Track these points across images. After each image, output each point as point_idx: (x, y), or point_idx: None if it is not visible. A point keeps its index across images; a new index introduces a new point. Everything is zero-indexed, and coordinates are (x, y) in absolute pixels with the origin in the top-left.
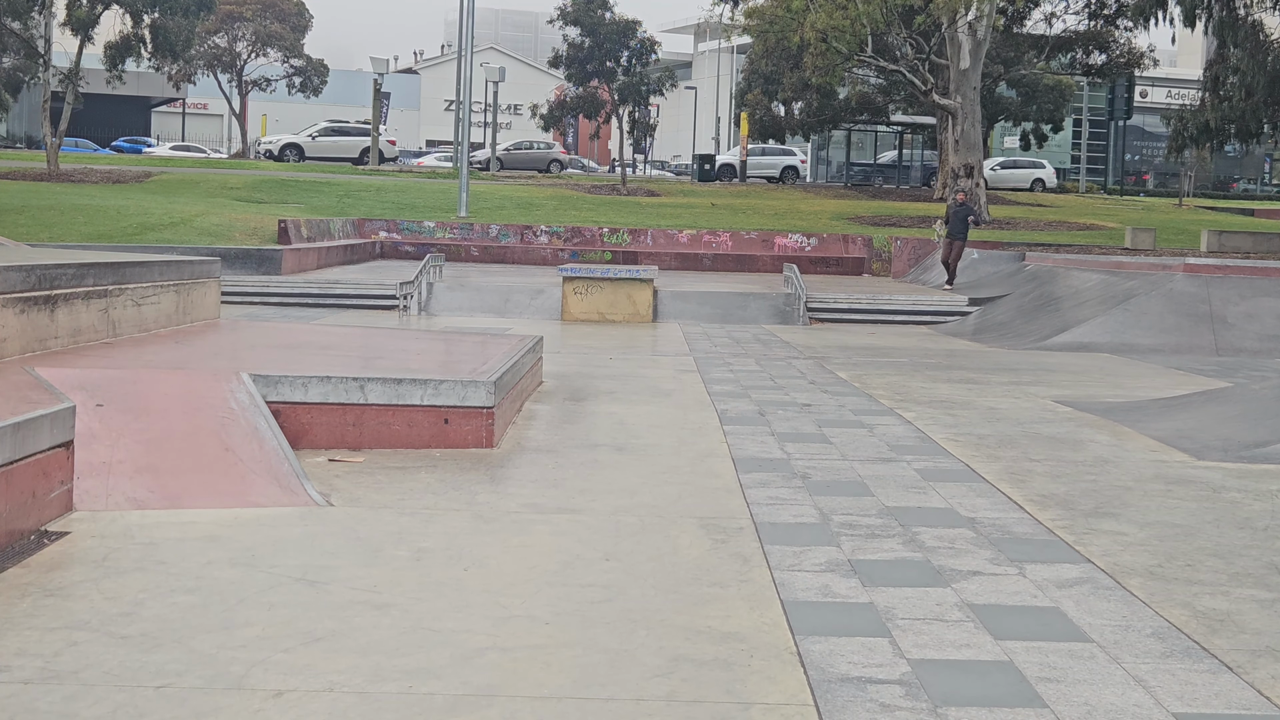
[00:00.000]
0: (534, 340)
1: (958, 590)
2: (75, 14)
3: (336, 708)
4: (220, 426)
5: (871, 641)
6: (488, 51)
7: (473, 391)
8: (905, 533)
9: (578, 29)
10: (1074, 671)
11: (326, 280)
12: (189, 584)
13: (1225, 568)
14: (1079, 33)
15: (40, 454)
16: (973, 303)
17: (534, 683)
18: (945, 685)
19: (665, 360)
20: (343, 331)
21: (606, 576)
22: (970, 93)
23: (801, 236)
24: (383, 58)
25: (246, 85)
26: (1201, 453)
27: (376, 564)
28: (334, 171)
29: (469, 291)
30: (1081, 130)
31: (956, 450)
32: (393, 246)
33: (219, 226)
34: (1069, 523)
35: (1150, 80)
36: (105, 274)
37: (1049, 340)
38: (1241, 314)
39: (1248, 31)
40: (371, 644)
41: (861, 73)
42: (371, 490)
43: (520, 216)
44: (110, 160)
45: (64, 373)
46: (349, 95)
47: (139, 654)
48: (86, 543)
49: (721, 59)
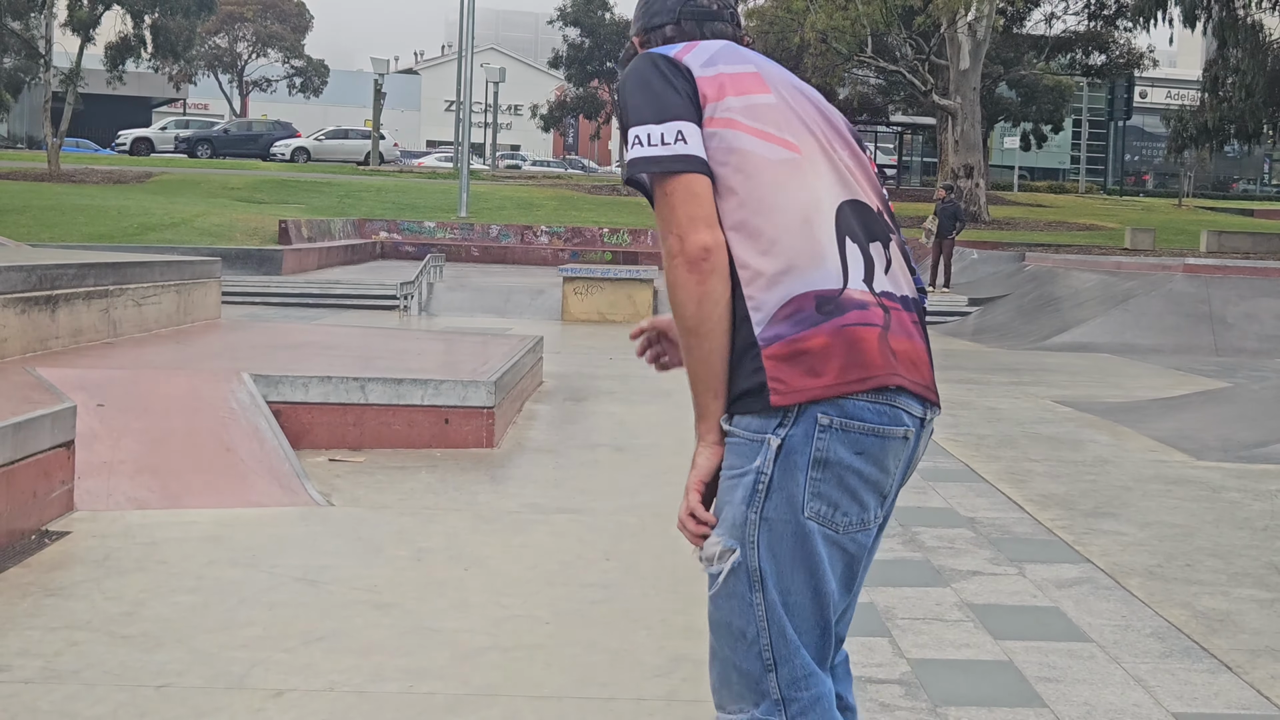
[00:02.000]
0: (534, 340)
1: (957, 590)
2: (76, 14)
3: (337, 707)
4: (221, 426)
5: (871, 641)
6: (488, 52)
7: (473, 391)
8: (905, 532)
9: (578, 29)
10: (1073, 671)
11: (327, 280)
12: (190, 584)
13: (1225, 568)
14: (1079, 33)
15: (41, 454)
16: (972, 303)
17: (534, 682)
18: (945, 685)
19: None
20: (343, 331)
21: (607, 576)
22: (970, 93)
23: None
24: (383, 58)
25: (247, 86)
26: (1201, 453)
27: (377, 564)
28: (335, 172)
29: (469, 291)
30: (1081, 131)
31: (956, 450)
32: (393, 247)
33: (219, 227)
34: (1069, 523)
35: (1150, 81)
36: (106, 274)
37: (1049, 340)
38: (1241, 314)
39: (1247, 32)
40: (372, 643)
41: (861, 73)
42: (372, 490)
43: (520, 217)
44: (111, 161)
45: (65, 373)
46: (349, 96)
47: (140, 654)
48: (87, 542)
49: None
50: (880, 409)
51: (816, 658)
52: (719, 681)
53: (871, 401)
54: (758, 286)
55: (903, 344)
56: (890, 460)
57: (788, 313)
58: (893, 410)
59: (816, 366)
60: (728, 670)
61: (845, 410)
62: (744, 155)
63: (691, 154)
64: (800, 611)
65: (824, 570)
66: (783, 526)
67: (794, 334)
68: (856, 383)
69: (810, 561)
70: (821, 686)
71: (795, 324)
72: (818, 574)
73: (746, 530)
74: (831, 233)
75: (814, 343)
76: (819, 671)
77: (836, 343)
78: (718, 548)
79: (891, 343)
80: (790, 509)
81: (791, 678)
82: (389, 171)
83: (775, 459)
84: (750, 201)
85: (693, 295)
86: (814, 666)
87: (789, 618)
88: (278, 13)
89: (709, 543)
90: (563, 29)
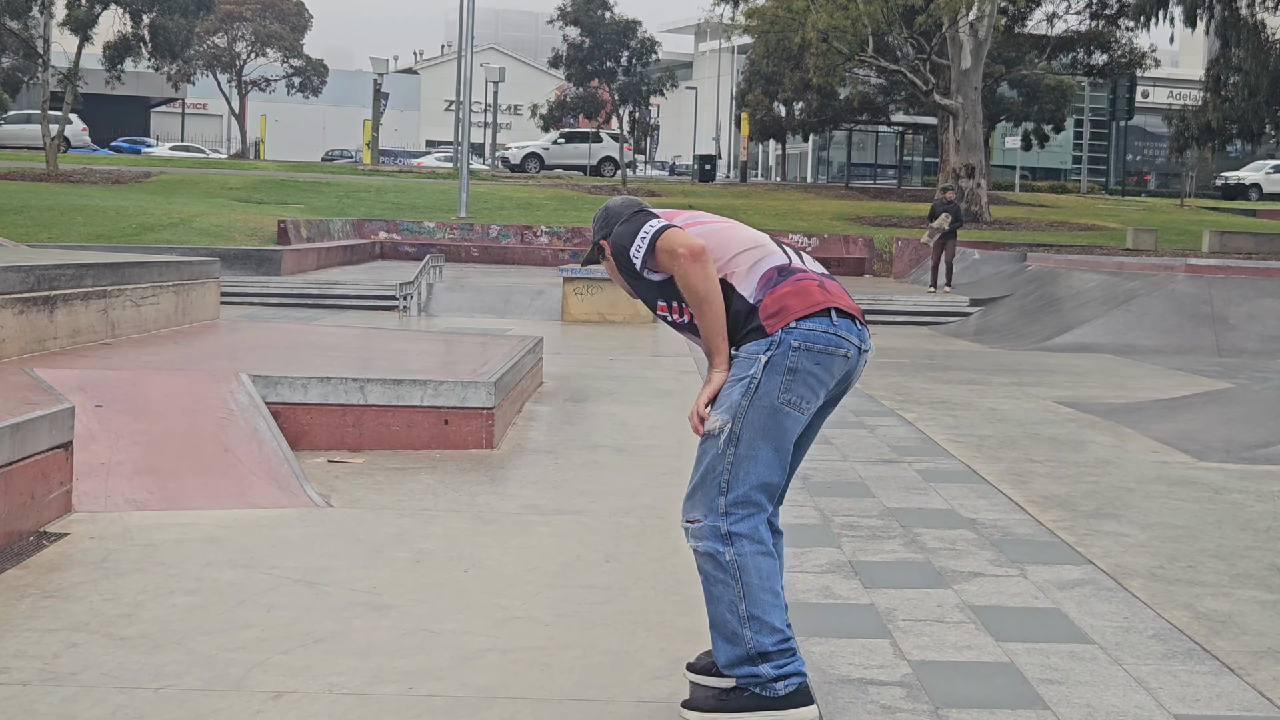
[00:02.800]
0: (534, 341)
1: (959, 591)
2: (74, 14)
3: (336, 709)
4: (220, 427)
5: (873, 643)
6: (488, 51)
7: (473, 392)
8: (906, 534)
9: (578, 29)
10: (1075, 673)
11: (326, 281)
12: (188, 585)
13: (1227, 569)
14: (1080, 33)
15: (39, 455)
16: (974, 303)
17: (534, 684)
18: (946, 687)
19: (666, 361)
20: (342, 332)
21: (607, 578)
22: (971, 93)
23: (802, 237)
24: (382, 58)
25: (246, 85)
26: (1203, 454)
27: (376, 565)
28: (333, 172)
29: (469, 292)
30: (1083, 130)
31: (958, 451)
32: (393, 247)
33: (218, 227)
34: (1070, 524)
35: (1152, 80)
36: (104, 274)
37: (1050, 341)
38: (1243, 315)
39: (1249, 31)
40: (371, 645)
41: (862, 73)
42: (371, 491)
43: (520, 217)
44: (109, 160)
45: (63, 373)
46: (349, 95)
47: (138, 655)
48: (85, 544)
49: (722, 59)
50: (829, 336)
51: (767, 496)
52: (689, 498)
53: (823, 329)
54: (738, 278)
55: (832, 286)
56: (835, 370)
57: (768, 280)
58: (836, 336)
59: (787, 305)
60: (695, 491)
61: (808, 334)
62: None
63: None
64: (756, 465)
65: (788, 436)
66: (762, 409)
67: (774, 287)
68: (810, 309)
69: (777, 431)
70: (756, 515)
71: (772, 281)
72: (783, 440)
73: (738, 410)
74: (775, 246)
75: (782, 290)
76: (759, 503)
77: (795, 289)
78: (717, 420)
79: (826, 286)
80: (769, 399)
81: (733, 502)
82: (388, 171)
83: (763, 369)
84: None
85: (700, 277)
86: (752, 498)
87: (744, 467)
88: (277, 12)
89: (712, 418)
90: (563, 29)
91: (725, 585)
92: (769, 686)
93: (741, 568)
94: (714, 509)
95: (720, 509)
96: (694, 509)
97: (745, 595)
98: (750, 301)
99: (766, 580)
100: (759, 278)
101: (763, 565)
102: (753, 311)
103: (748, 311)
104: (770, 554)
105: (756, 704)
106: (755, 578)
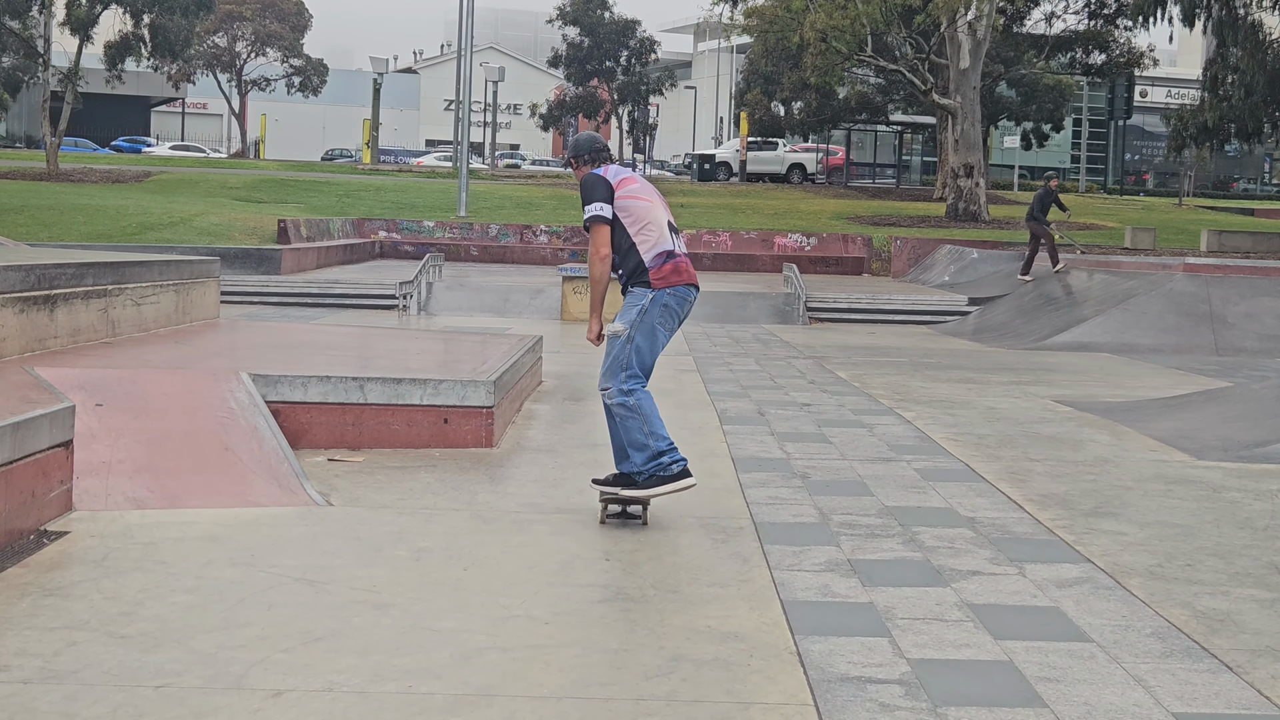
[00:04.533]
0: (533, 340)
1: (957, 590)
2: (74, 13)
3: (336, 707)
4: (220, 426)
5: (871, 641)
6: (487, 51)
7: (472, 391)
8: (905, 532)
9: (577, 29)
10: (1074, 671)
11: (326, 280)
12: (188, 584)
13: (1225, 567)
14: (1079, 32)
15: (39, 453)
16: (972, 302)
17: (534, 683)
18: (945, 685)
19: (664, 360)
20: (342, 331)
21: (606, 576)
22: (970, 92)
23: (801, 236)
24: (382, 57)
25: (246, 85)
26: (1202, 452)
27: (376, 564)
28: (334, 171)
29: (468, 291)
30: (1081, 130)
31: (956, 450)
32: (392, 246)
33: (218, 226)
34: (1069, 522)
35: (1150, 80)
36: (105, 274)
37: (1049, 340)
38: (1241, 314)
39: (1247, 31)
40: (371, 644)
41: (861, 72)
42: (371, 490)
43: (520, 216)
44: (110, 160)
45: (63, 372)
46: (349, 95)
47: (138, 654)
48: (86, 542)
49: (721, 59)
50: (681, 296)
51: (644, 374)
52: (603, 376)
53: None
54: (645, 249)
55: (690, 267)
56: (683, 311)
57: (659, 259)
58: (686, 299)
59: (667, 277)
60: (606, 372)
61: (675, 294)
62: (634, 206)
63: (605, 216)
64: (642, 356)
65: (659, 342)
66: (647, 325)
67: (660, 265)
68: (679, 281)
69: (653, 338)
70: (641, 382)
71: (661, 260)
72: (656, 343)
73: (633, 323)
74: (668, 231)
75: (667, 268)
76: (643, 377)
77: (673, 267)
78: (621, 327)
79: (689, 268)
80: (651, 320)
81: (629, 375)
82: (388, 171)
83: (650, 303)
84: (639, 221)
85: (599, 271)
86: (639, 374)
87: (637, 356)
88: (276, 12)
89: (614, 325)
90: (562, 28)
91: (634, 419)
92: (667, 469)
93: (641, 408)
94: (619, 380)
95: (622, 380)
96: (608, 382)
97: (646, 421)
98: (645, 264)
99: (655, 412)
100: (655, 254)
101: (652, 405)
102: (645, 270)
103: (641, 268)
104: (652, 400)
105: (659, 481)
106: (649, 411)
